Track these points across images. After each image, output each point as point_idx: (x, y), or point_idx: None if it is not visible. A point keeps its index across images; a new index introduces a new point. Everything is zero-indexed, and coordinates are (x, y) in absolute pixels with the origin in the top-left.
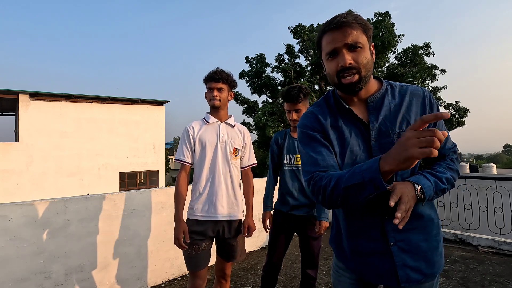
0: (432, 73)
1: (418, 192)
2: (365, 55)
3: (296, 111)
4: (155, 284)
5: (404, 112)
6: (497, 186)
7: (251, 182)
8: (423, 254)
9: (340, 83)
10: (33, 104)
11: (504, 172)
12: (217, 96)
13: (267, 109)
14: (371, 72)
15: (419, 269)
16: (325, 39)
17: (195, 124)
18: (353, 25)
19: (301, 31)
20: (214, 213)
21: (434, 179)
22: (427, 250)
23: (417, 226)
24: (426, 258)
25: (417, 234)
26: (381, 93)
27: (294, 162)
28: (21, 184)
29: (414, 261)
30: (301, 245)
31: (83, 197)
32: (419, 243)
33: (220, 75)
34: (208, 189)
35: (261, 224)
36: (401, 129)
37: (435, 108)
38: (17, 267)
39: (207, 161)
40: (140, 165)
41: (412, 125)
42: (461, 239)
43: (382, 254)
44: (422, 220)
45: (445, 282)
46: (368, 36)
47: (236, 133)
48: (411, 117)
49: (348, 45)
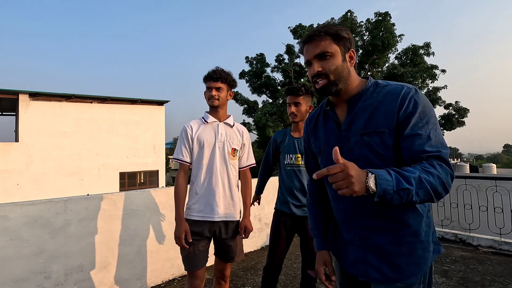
0: (432, 73)
1: (370, 182)
2: (333, 62)
3: (296, 105)
4: (155, 284)
5: (372, 112)
6: (497, 186)
7: (249, 182)
8: (387, 257)
9: (315, 87)
10: (33, 104)
11: (504, 172)
12: (216, 95)
13: (267, 109)
14: (344, 76)
15: (380, 270)
16: (304, 51)
17: (194, 123)
18: (323, 37)
19: (301, 31)
20: (211, 213)
21: (397, 176)
22: (392, 254)
23: (386, 228)
24: (391, 261)
25: (384, 236)
26: (360, 94)
27: (295, 162)
28: (21, 184)
29: (376, 260)
30: (302, 245)
31: (83, 197)
32: (384, 245)
33: (219, 74)
34: (205, 189)
35: (260, 225)
36: (366, 129)
37: (411, 107)
38: (17, 267)
39: (204, 161)
40: (140, 165)
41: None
42: (461, 239)
43: (351, 245)
44: (393, 223)
45: (445, 282)
46: (341, 44)
47: (235, 133)
48: (379, 117)
49: (317, 55)
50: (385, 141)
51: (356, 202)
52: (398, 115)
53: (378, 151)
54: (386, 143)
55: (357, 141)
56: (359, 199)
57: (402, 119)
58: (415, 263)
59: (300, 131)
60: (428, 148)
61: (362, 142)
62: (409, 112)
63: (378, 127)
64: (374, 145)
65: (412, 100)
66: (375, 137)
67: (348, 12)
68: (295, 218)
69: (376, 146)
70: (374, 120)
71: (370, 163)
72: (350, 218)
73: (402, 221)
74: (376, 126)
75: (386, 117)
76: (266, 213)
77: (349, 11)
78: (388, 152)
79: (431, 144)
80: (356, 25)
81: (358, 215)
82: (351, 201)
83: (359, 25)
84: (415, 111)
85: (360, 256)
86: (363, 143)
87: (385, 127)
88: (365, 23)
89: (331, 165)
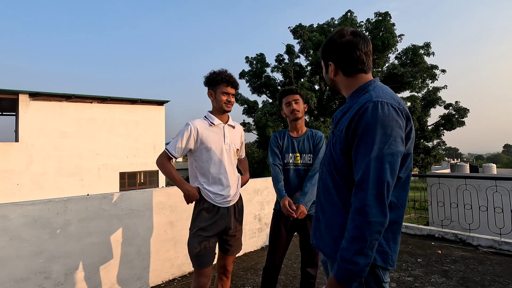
0: (432, 73)
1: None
2: (323, 72)
3: (296, 102)
4: (155, 284)
5: (343, 115)
6: (497, 186)
7: (247, 168)
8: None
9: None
10: (33, 104)
11: (504, 172)
12: (233, 101)
13: (267, 109)
14: (329, 82)
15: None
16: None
17: (199, 124)
18: (319, 54)
19: (301, 31)
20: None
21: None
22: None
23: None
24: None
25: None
26: (350, 96)
27: (294, 161)
28: (21, 184)
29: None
30: (301, 244)
31: (83, 197)
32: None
33: (235, 81)
34: (217, 188)
35: (260, 225)
36: (334, 128)
37: (361, 128)
38: (17, 267)
39: (213, 163)
40: (140, 165)
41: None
42: (461, 239)
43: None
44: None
45: (445, 282)
46: (323, 59)
47: (236, 134)
48: (344, 120)
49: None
50: (339, 143)
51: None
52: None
53: (335, 150)
54: (339, 146)
55: (330, 135)
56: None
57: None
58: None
59: (299, 131)
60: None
61: (330, 138)
62: (359, 130)
63: (339, 129)
64: (333, 144)
65: (362, 120)
66: (336, 137)
67: (348, 12)
68: (295, 218)
69: (334, 145)
70: (341, 121)
71: (332, 158)
72: None
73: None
74: (339, 127)
75: (346, 124)
76: (266, 213)
77: (349, 11)
78: (342, 154)
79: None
80: (356, 25)
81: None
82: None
83: (359, 25)
84: (362, 129)
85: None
86: (330, 139)
87: (340, 131)
88: (365, 23)
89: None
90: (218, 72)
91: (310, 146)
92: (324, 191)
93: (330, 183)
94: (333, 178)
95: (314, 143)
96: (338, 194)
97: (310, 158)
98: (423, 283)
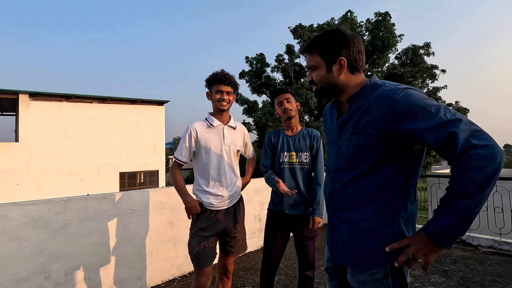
0: (432, 73)
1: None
2: (318, 73)
3: (288, 101)
4: (155, 284)
5: (362, 114)
6: (497, 186)
7: (253, 167)
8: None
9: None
10: (33, 104)
11: (504, 172)
12: (227, 99)
13: (267, 109)
14: (332, 83)
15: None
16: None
17: (198, 126)
18: (312, 50)
19: (301, 31)
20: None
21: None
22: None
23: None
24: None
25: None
26: (356, 95)
27: (289, 160)
28: (21, 184)
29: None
30: (296, 244)
31: (83, 197)
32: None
33: (229, 79)
34: (215, 189)
35: (260, 225)
36: (355, 129)
37: (408, 117)
38: (17, 267)
39: (212, 164)
40: (140, 165)
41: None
42: (461, 239)
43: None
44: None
45: (445, 282)
46: (326, 56)
47: (238, 135)
48: (369, 118)
49: (309, 67)
50: (371, 142)
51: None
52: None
53: (363, 151)
54: (372, 145)
55: (347, 139)
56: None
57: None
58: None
59: (293, 129)
60: (461, 139)
61: (350, 141)
62: (407, 120)
63: (366, 129)
64: (360, 145)
65: (404, 111)
66: (362, 137)
67: (348, 12)
68: (290, 218)
69: (362, 146)
70: (362, 121)
71: (353, 161)
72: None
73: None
74: (364, 127)
75: (377, 120)
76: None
77: (349, 11)
78: (374, 153)
79: (459, 137)
80: (356, 25)
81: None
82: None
83: (359, 25)
84: (412, 118)
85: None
86: (351, 142)
87: (372, 129)
88: (365, 23)
89: (331, 157)
90: (214, 72)
91: (306, 144)
92: (344, 199)
93: (361, 188)
94: (369, 182)
95: (311, 141)
96: (373, 196)
97: (307, 156)
98: (423, 283)
